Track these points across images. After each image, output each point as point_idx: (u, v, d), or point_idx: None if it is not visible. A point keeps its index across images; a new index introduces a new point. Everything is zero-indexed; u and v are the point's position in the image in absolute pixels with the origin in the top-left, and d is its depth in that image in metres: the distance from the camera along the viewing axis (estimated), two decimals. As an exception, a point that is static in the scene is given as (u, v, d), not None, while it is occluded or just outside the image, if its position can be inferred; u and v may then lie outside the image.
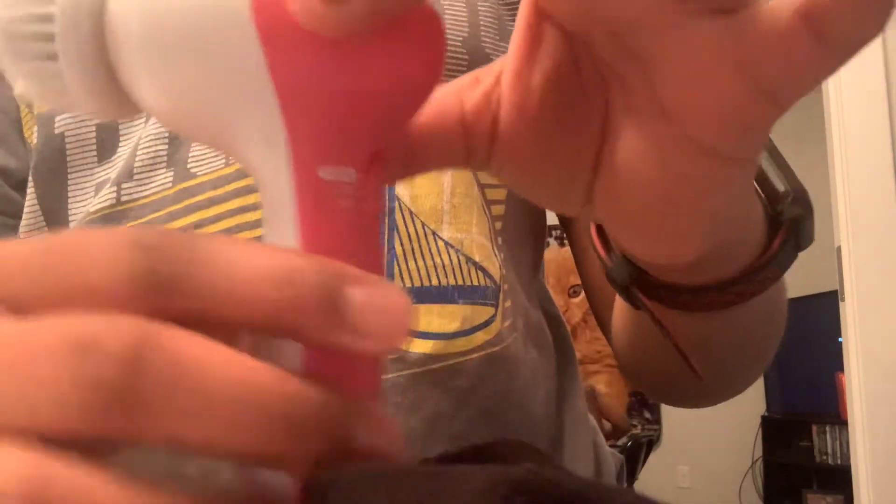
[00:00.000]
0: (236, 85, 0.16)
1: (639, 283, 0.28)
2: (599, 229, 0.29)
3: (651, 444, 3.00)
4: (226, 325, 0.14)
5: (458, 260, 0.36)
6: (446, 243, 0.36)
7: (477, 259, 0.37)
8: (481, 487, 0.13)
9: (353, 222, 0.17)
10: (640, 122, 0.19)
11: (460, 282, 0.36)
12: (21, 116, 0.42)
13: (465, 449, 0.20)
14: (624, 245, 0.25)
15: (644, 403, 3.49)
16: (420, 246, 0.36)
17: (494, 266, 0.38)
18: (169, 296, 0.14)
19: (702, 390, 0.38)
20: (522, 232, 0.43)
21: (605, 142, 0.21)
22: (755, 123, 0.18)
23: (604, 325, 0.45)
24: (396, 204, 0.36)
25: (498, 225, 0.40)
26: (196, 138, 0.19)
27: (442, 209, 0.37)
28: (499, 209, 0.41)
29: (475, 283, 0.36)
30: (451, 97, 0.21)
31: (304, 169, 0.17)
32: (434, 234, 0.36)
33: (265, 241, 0.17)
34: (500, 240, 0.40)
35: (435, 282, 0.35)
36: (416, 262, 0.35)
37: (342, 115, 0.17)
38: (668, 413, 3.48)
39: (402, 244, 0.35)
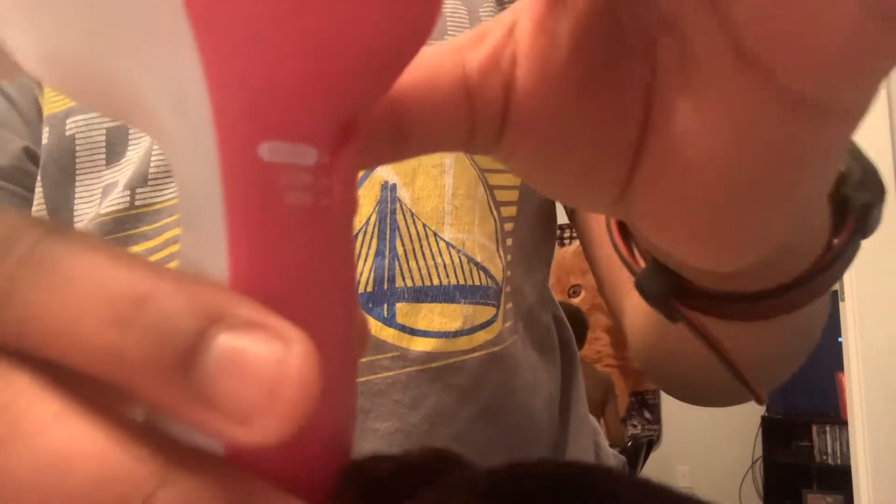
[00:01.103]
0: (133, 14, 0.11)
1: (677, 293, 0.22)
2: (622, 229, 0.25)
3: (651, 444, 3.00)
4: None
5: (460, 260, 0.36)
6: (448, 244, 0.36)
7: (479, 259, 0.37)
8: None
9: (311, 227, 0.12)
10: (706, 78, 0.14)
11: (462, 281, 0.36)
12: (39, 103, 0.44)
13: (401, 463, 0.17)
14: (670, 248, 0.18)
15: (644, 403, 3.49)
16: (421, 246, 0.36)
17: (497, 267, 0.38)
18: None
19: (732, 396, 0.35)
20: (537, 235, 0.43)
21: (650, 113, 0.16)
22: (876, 60, 0.13)
23: (617, 315, 0.42)
24: (398, 205, 0.36)
25: (508, 226, 0.40)
26: (90, 104, 0.13)
27: (443, 210, 0.37)
28: (510, 210, 0.40)
29: (477, 282, 0.36)
30: (448, 56, 0.16)
31: (235, 145, 0.11)
32: (435, 234, 0.36)
33: (180, 258, 0.12)
34: (509, 241, 0.40)
35: (436, 281, 0.35)
36: (417, 262, 0.35)
37: (293, 63, 0.11)
38: (668, 413, 3.48)
39: (403, 245, 0.36)
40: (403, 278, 0.35)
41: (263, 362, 0.10)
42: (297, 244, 0.12)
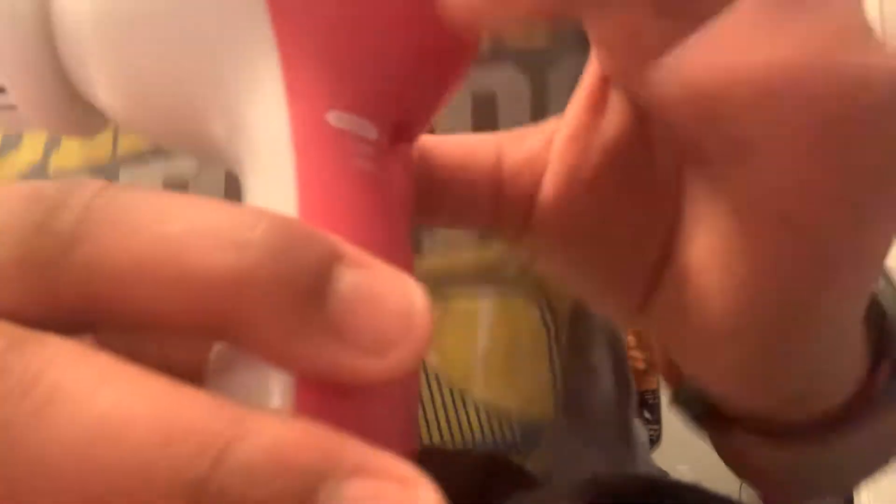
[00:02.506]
0: (213, 11, 0.13)
1: (712, 417, 0.22)
2: None
3: (651, 444, 3.00)
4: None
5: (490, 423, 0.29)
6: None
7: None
8: None
9: (376, 194, 0.13)
10: (728, 209, 0.15)
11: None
12: None
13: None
14: (691, 374, 0.19)
15: (644, 403, 3.48)
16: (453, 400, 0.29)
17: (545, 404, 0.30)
18: (57, 271, 0.09)
19: None
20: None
21: (675, 234, 0.16)
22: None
23: None
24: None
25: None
26: (166, 136, 0.16)
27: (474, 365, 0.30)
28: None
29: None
30: (486, 143, 0.18)
31: (305, 109, 0.12)
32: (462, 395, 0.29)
33: None
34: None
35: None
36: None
37: (358, 41, 0.13)
38: (668, 413, 3.47)
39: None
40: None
41: (397, 292, 0.10)
42: (365, 207, 0.12)
